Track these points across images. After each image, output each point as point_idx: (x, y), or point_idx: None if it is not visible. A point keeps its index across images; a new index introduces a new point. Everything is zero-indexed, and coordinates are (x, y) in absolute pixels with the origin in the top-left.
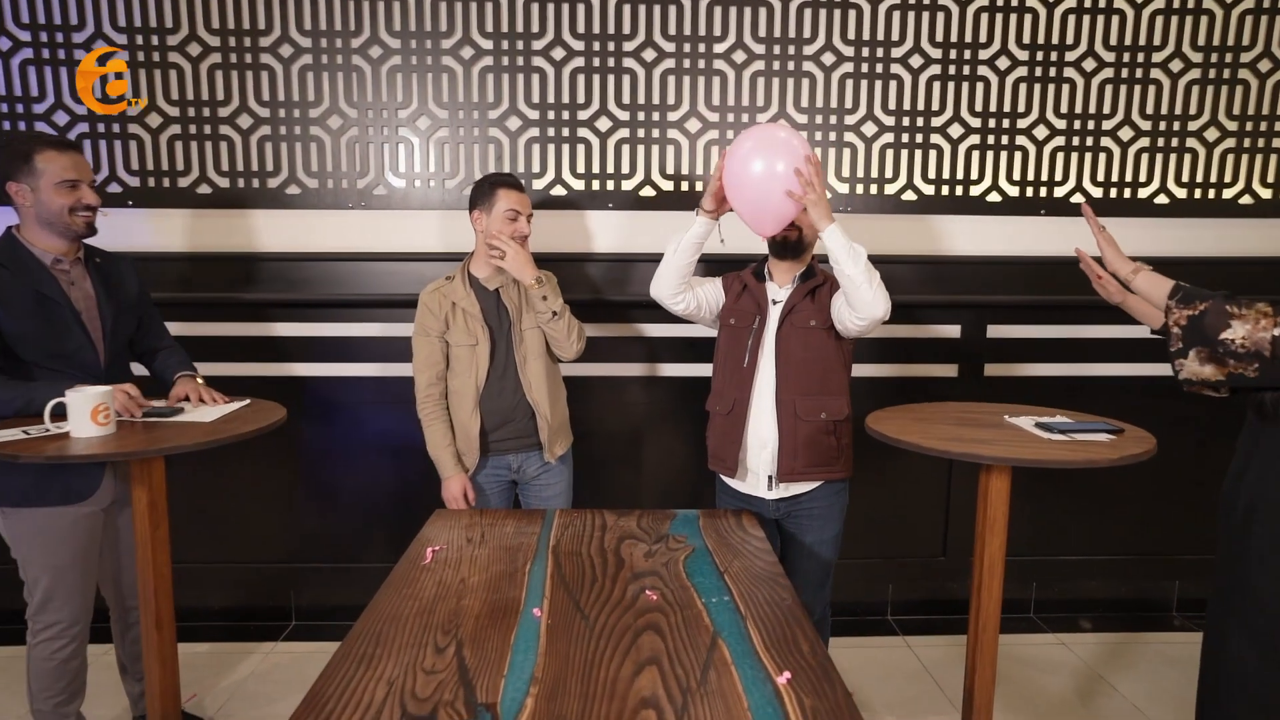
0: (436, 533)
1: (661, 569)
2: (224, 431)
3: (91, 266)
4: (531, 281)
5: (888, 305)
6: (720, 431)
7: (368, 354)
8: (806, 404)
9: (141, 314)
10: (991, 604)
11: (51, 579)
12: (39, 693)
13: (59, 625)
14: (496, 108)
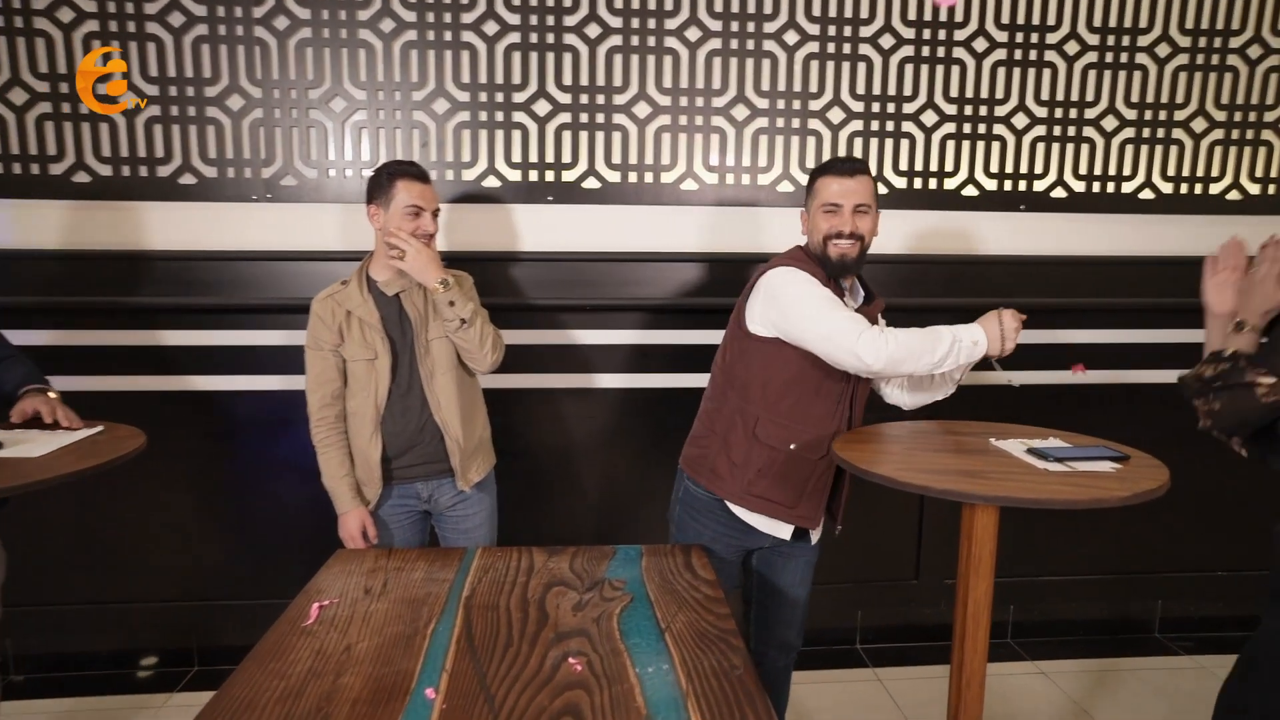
0: (331, 581)
1: (592, 626)
2: (50, 470)
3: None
4: (435, 285)
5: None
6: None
7: (276, 365)
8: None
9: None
10: (977, 656)
11: None
12: None
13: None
14: (421, 88)
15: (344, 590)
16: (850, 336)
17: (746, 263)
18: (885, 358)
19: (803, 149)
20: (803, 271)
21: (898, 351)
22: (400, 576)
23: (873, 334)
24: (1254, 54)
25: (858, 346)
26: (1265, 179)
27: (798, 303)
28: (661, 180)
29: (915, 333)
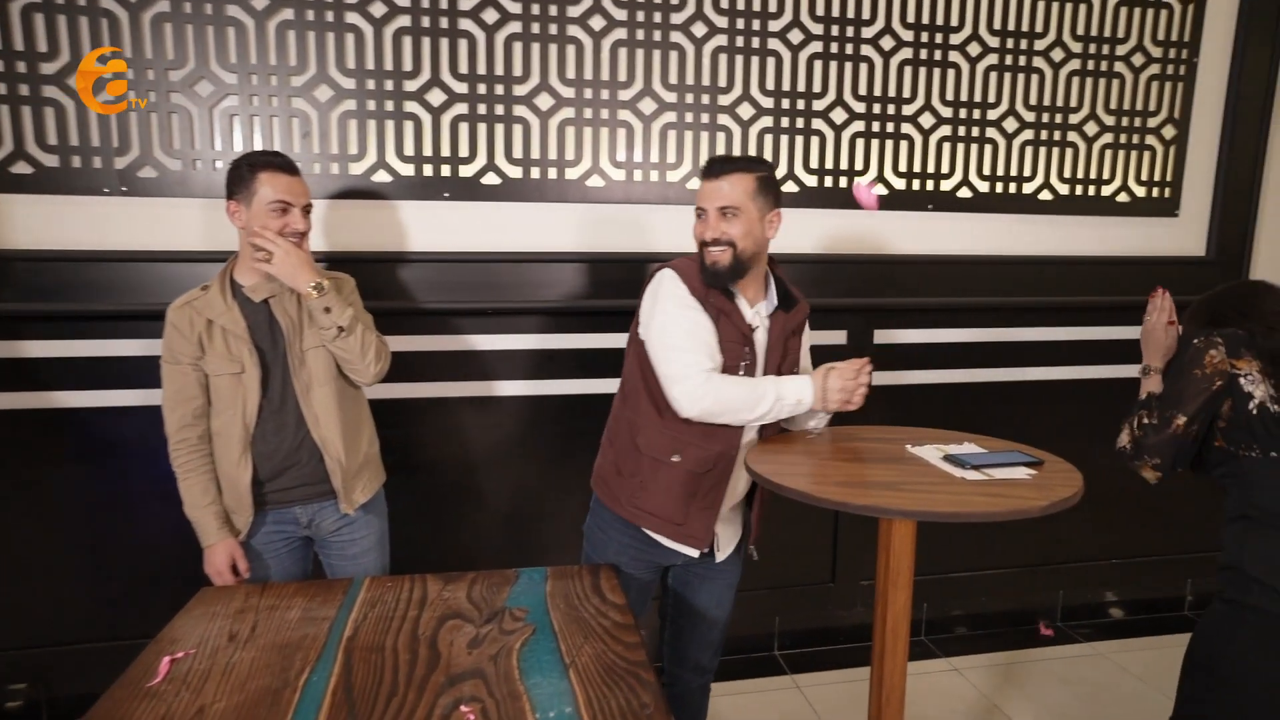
0: (189, 627)
1: (489, 666)
2: None
3: None
4: (308, 290)
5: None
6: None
7: (134, 379)
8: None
9: None
10: (896, 671)
11: None
12: None
13: None
14: (303, 73)
15: (204, 638)
16: (673, 381)
17: (657, 262)
18: (699, 410)
19: (712, 145)
20: (682, 286)
21: (714, 406)
22: (273, 617)
23: (694, 383)
24: (1137, 62)
25: (674, 392)
26: (1150, 182)
27: (659, 327)
28: (566, 176)
29: (739, 385)
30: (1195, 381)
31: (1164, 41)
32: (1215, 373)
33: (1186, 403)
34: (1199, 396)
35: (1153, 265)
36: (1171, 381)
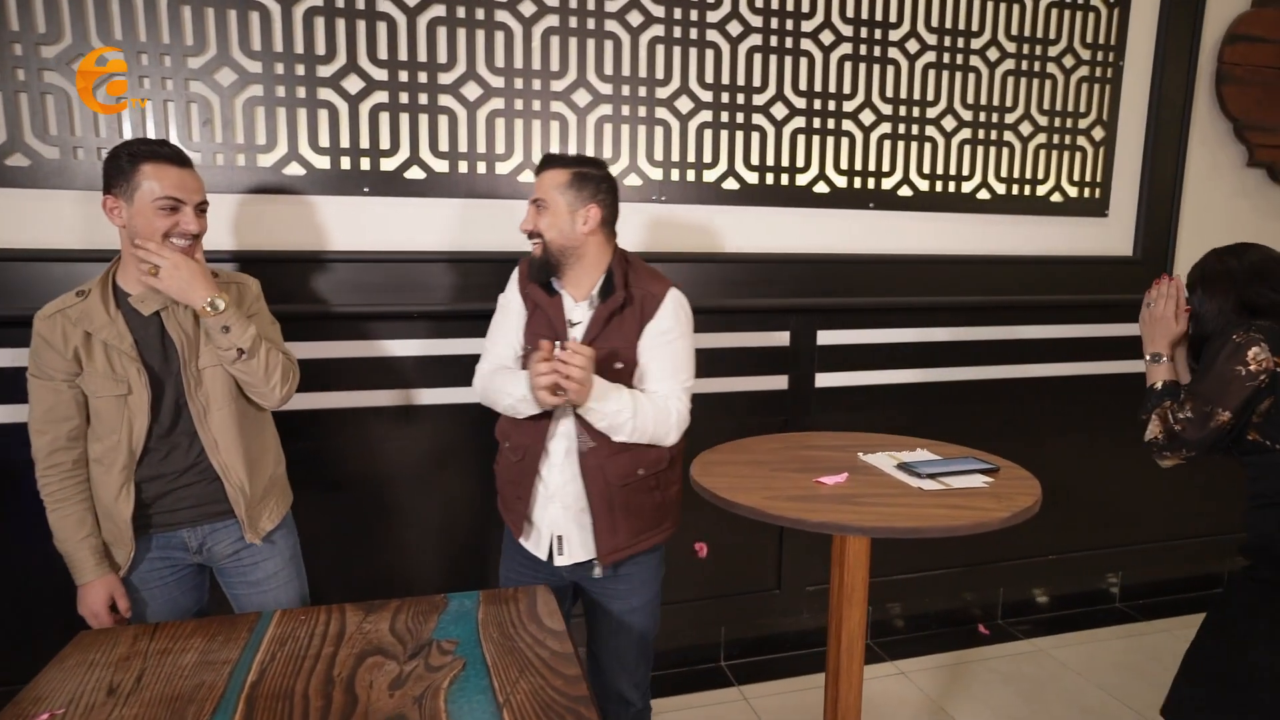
0: (60, 681)
1: (412, 710)
2: None
3: None
4: (203, 306)
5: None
6: (510, 478)
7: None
8: (619, 464)
9: None
10: (852, 692)
11: None
12: None
13: None
14: (200, 54)
15: (76, 694)
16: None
17: None
18: (479, 397)
19: (650, 140)
20: (514, 279)
21: (484, 394)
22: (164, 663)
23: (478, 373)
24: (1068, 64)
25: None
26: (1081, 182)
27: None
28: (497, 171)
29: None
30: (1240, 378)
31: (1092, 44)
32: (1260, 370)
33: (1230, 398)
34: (1243, 393)
35: (1084, 265)
36: (1212, 375)
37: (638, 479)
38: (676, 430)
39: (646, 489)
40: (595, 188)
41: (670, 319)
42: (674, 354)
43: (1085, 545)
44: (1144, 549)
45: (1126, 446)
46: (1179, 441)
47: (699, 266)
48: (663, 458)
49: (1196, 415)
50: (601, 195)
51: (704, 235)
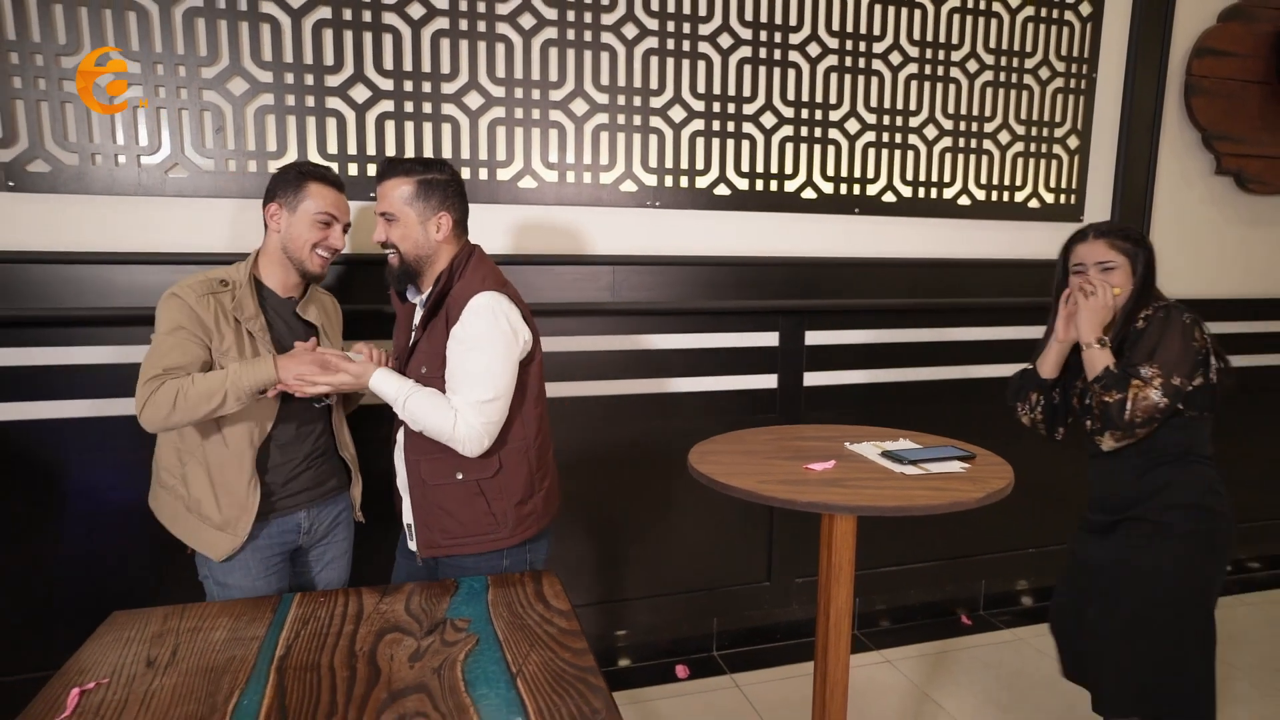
0: (100, 655)
1: (432, 679)
2: None
3: None
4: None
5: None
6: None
7: (39, 389)
8: (436, 464)
9: None
10: (840, 665)
11: None
12: None
13: None
14: (213, 65)
15: (118, 666)
16: None
17: (590, 264)
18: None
19: (645, 148)
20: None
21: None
22: (195, 639)
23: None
24: (1044, 75)
25: None
26: (1057, 189)
27: None
28: (498, 177)
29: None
30: (1194, 353)
31: (1067, 57)
32: (1202, 347)
33: (1191, 371)
34: (1196, 367)
35: None
36: (1174, 350)
37: (456, 482)
38: (463, 443)
39: (469, 494)
40: (443, 194)
41: (466, 328)
42: (463, 364)
43: (1064, 539)
44: None
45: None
46: (1150, 417)
47: (691, 269)
48: (489, 466)
49: (1167, 389)
50: (450, 200)
51: (696, 239)
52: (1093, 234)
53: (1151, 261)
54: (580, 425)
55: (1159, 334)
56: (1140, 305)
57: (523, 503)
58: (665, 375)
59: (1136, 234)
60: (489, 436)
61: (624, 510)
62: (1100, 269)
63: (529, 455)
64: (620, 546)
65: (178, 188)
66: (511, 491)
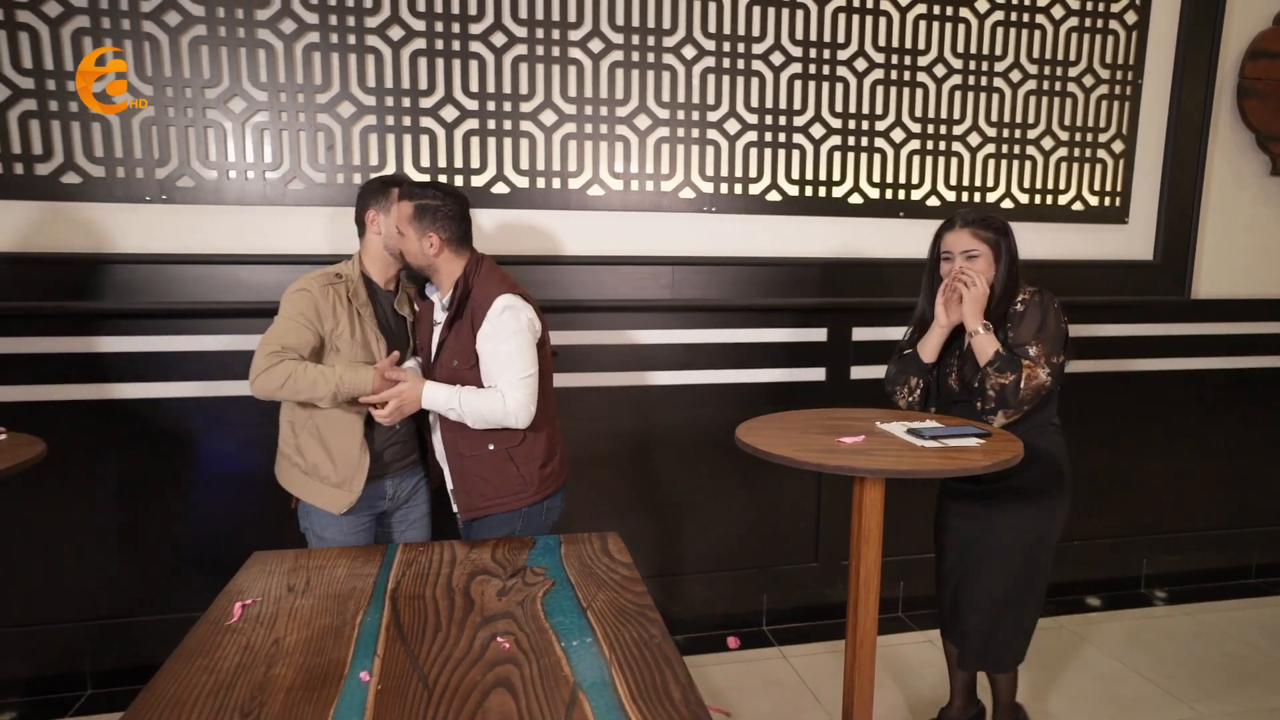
0: (251, 581)
1: (517, 609)
2: None
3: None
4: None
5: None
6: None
7: (180, 371)
8: (470, 438)
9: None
10: (869, 619)
11: None
12: None
13: None
14: (325, 91)
15: (266, 589)
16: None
17: (652, 265)
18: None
19: (702, 158)
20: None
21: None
22: (323, 574)
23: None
24: (1088, 83)
25: None
26: (1101, 192)
27: None
28: (569, 186)
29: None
30: (1065, 333)
31: (1111, 64)
32: (1066, 327)
33: (1063, 348)
34: (1066, 345)
35: (1105, 268)
36: (1052, 332)
37: (489, 453)
38: (515, 415)
39: (500, 461)
40: (433, 217)
41: (494, 325)
42: (498, 355)
43: (1111, 532)
44: (1169, 538)
45: (1152, 441)
46: (1038, 394)
47: (745, 269)
48: (515, 436)
49: (1054, 367)
50: (440, 223)
51: (749, 242)
52: (959, 223)
53: (1014, 249)
54: (641, 412)
55: (1040, 317)
56: (1012, 289)
57: (544, 465)
58: (721, 367)
59: (998, 223)
60: (533, 405)
61: (681, 492)
62: (965, 257)
63: (546, 425)
64: (676, 525)
65: (295, 198)
66: (535, 456)
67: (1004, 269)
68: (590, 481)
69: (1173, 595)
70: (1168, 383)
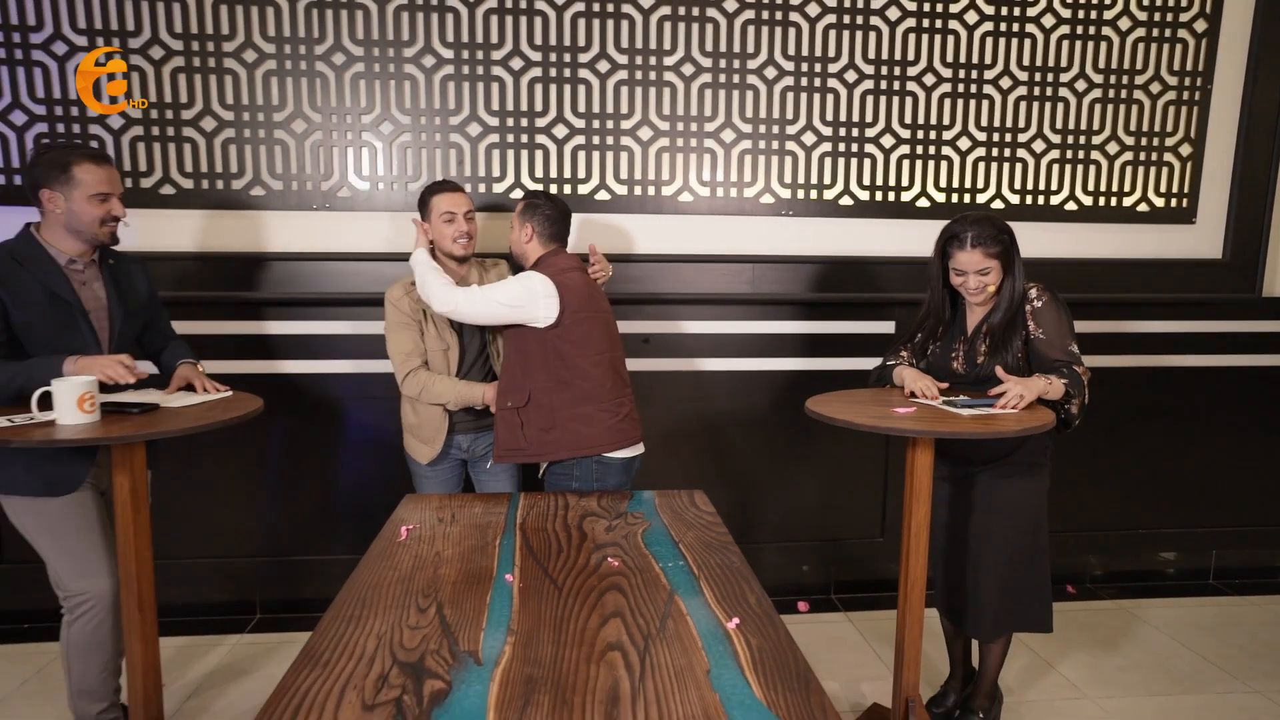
0: (409, 514)
1: (622, 541)
2: (202, 419)
3: (105, 268)
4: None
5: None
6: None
7: (333, 351)
8: (498, 397)
9: (151, 314)
10: (918, 565)
11: (62, 557)
12: (81, 676)
13: (84, 596)
14: (457, 114)
15: (421, 520)
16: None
17: (734, 263)
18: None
19: (781, 167)
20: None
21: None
22: (463, 512)
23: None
24: (1154, 90)
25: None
26: (1167, 194)
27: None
28: (662, 193)
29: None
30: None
31: (1179, 71)
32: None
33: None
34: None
35: (1172, 267)
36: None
37: (507, 409)
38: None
39: (510, 416)
40: (533, 213)
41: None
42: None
43: (1179, 523)
44: (1237, 531)
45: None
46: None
47: (819, 267)
48: (522, 397)
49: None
50: (536, 218)
51: (823, 241)
52: (970, 243)
53: (1017, 250)
54: (723, 394)
55: (1061, 313)
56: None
57: (547, 430)
58: (797, 356)
59: (1000, 232)
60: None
61: (758, 468)
62: (979, 275)
63: (553, 393)
64: (753, 497)
65: None
66: (535, 421)
67: (1014, 273)
68: (677, 454)
69: (1242, 587)
70: (1237, 379)
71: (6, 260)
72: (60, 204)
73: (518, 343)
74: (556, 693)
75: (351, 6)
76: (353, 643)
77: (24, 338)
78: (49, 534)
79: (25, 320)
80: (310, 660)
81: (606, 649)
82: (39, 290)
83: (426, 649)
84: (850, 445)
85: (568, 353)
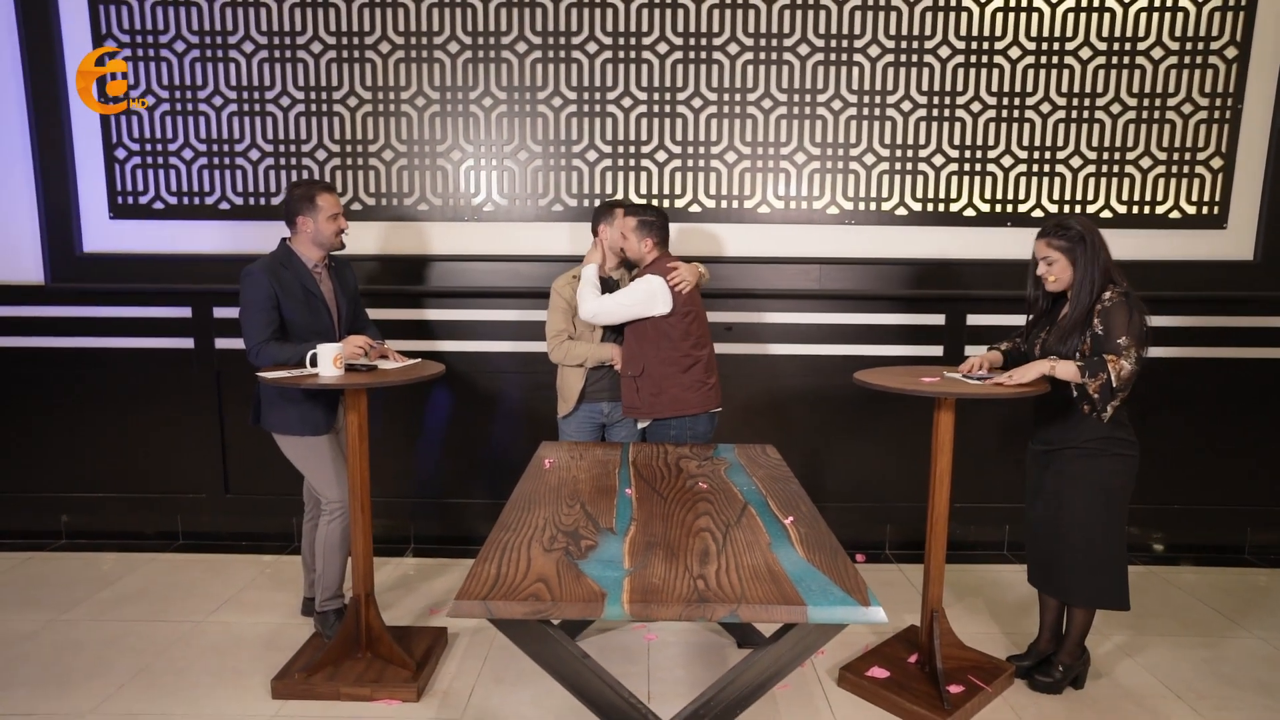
0: (548, 454)
1: (709, 474)
2: (407, 374)
3: (331, 269)
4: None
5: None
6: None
7: (479, 334)
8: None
9: (356, 303)
10: (941, 503)
11: (322, 477)
12: (326, 572)
13: (337, 504)
14: (579, 144)
15: (557, 458)
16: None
17: (803, 264)
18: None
19: (844, 183)
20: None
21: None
22: (587, 454)
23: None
24: (1186, 110)
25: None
26: (1198, 203)
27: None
28: (744, 206)
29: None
30: (1147, 327)
31: (1210, 93)
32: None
33: (1145, 342)
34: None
35: (1205, 268)
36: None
37: (628, 376)
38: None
39: (630, 384)
40: (649, 229)
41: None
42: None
43: (1214, 501)
44: (1270, 511)
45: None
46: (1130, 381)
47: (878, 268)
48: (638, 368)
49: (1137, 359)
50: (650, 231)
51: (881, 246)
52: (1040, 234)
53: (1095, 253)
54: (793, 376)
55: (1128, 313)
56: (1102, 284)
57: (655, 395)
58: (858, 343)
59: (1073, 233)
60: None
61: (822, 438)
62: (1045, 262)
63: (662, 367)
64: (816, 463)
65: (555, 216)
66: (646, 387)
67: (1082, 269)
68: (751, 424)
69: (1275, 561)
70: (1268, 370)
71: (277, 267)
72: (310, 226)
73: (636, 327)
74: (667, 550)
75: (498, 60)
76: (528, 521)
77: (290, 324)
78: (315, 461)
79: (291, 314)
80: (503, 528)
81: (699, 531)
82: (299, 288)
83: (578, 525)
84: (903, 419)
85: (674, 337)
